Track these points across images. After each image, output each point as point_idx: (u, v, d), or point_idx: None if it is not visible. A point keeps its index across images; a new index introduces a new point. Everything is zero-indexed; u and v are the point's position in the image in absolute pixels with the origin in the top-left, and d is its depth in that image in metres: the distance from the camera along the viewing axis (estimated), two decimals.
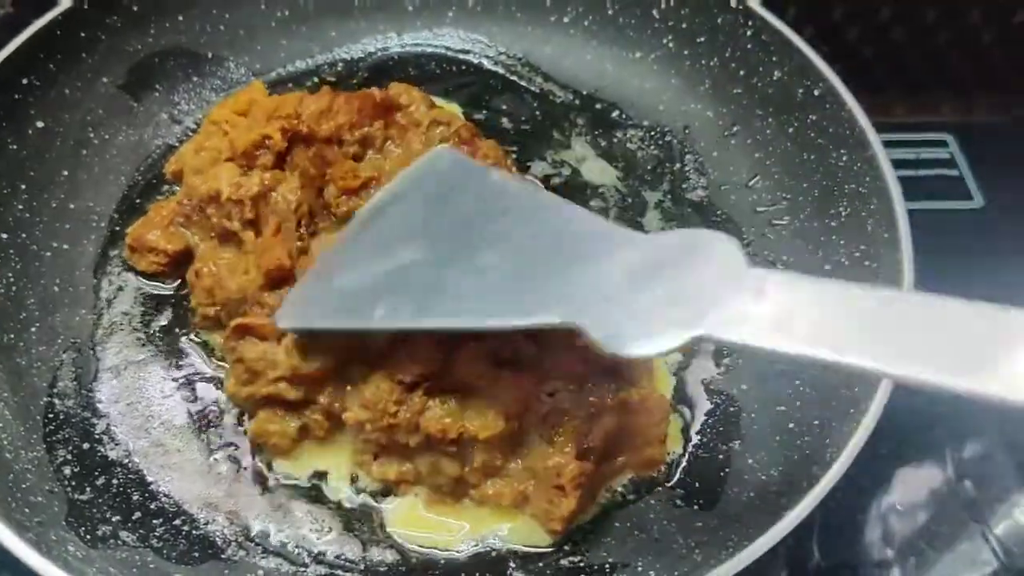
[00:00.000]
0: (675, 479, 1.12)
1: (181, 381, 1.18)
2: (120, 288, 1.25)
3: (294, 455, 1.11)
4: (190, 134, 1.38)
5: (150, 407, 1.15)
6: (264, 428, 1.10)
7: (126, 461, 1.10)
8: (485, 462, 1.04)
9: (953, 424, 1.32)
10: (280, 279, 1.12)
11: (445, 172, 1.13)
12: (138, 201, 1.33)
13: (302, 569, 1.03)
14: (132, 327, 1.22)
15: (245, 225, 1.17)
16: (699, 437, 1.15)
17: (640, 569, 1.02)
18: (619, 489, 1.10)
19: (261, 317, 1.11)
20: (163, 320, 1.23)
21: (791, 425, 1.11)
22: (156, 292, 1.25)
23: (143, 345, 1.21)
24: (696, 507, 1.09)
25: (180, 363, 1.20)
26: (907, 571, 1.21)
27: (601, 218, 1.03)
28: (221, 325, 1.17)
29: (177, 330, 1.22)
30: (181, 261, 1.24)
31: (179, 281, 1.25)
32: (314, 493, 1.10)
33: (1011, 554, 1.21)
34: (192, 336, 1.21)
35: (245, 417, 1.14)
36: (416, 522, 1.07)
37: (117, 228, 1.30)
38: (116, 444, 1.12)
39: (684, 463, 1.13)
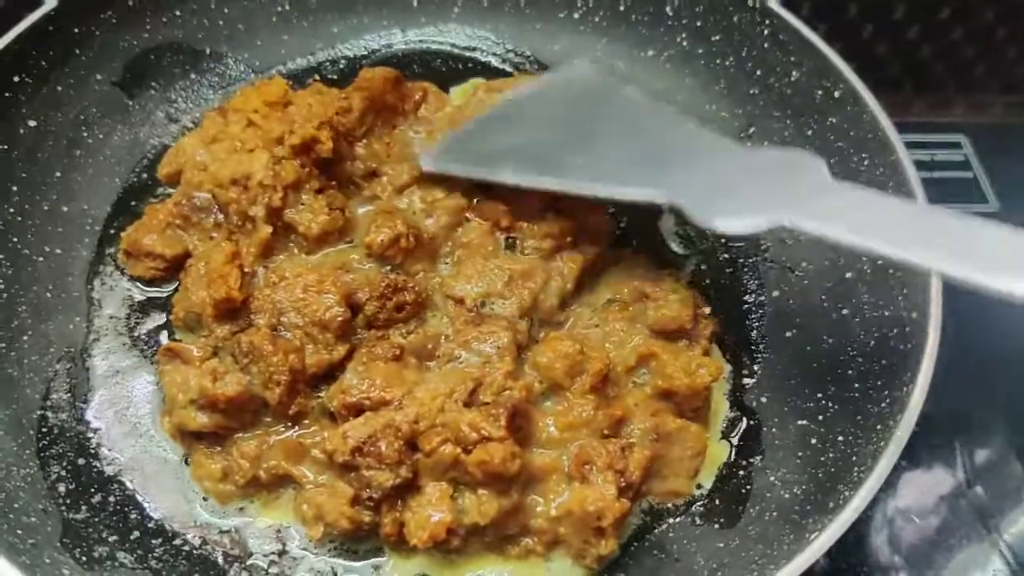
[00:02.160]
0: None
1: None
2: (111, 289, 1.22)
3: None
4: (187, 133, 1.34)
5: (138, 415, 1.12)
6: (197, 472, 1.06)
7: (121, 477, 1.07)
8: (498, 532, 1.01)
9: (964, 430, 1.30)
10: (228, 310, 1.08)
11: (581, 78, 1.30)
12: (133, 204, 1.29)
13: None
14: (117, 331, 1.18)
15: (270, 214, 1.13)
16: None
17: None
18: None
19: (196, 341, 1.08)
20: (150, 324, 1.20)
21: (814, 441, 1.08)
22: (147, 296, 1.22)
23: (129, 350, 1.17)
24: (717, 526, 1.06)
25: None
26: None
27: (713, 132, 1.15)
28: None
29: (165, 333, 1.19)
30: (179, 266, 1.19)
31: (176, 286, 1.20)
32: None
33: (1022, 560, 1.20)
34: (177, 338, 1.17)
35: None
36: None
37: (112, 231, 1.26)
38: (112, 459, 1.08)
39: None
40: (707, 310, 1.17)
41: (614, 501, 0.97)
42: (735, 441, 1.13)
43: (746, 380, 1.19)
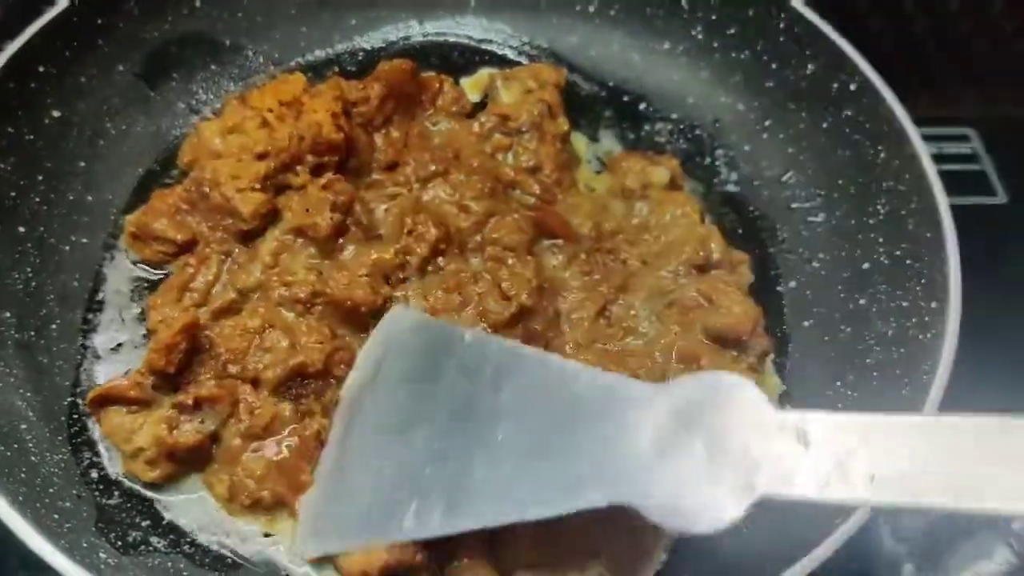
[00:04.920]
0: None
1: None
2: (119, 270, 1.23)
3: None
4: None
5: None
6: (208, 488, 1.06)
7: None
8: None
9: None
10: (163, 375, 1.07)
11: (414, 336, 1.04)
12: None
13: None
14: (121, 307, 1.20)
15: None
16: None
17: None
18: None
19: (128, 381, 1.06)
20: None
21: None
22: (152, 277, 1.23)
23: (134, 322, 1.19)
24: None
25: None
26: (920, 566, 1.20)
27: (598, 370, 0.92)
28: None
29: None
30: (188, 249, 1.21)
31: None
32: None
33: None
34: None
35: None
36: None
37: None
38: None
39: None
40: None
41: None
42: None
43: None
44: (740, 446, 0.75)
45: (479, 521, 0.87)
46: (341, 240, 1.17)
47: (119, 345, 1.16)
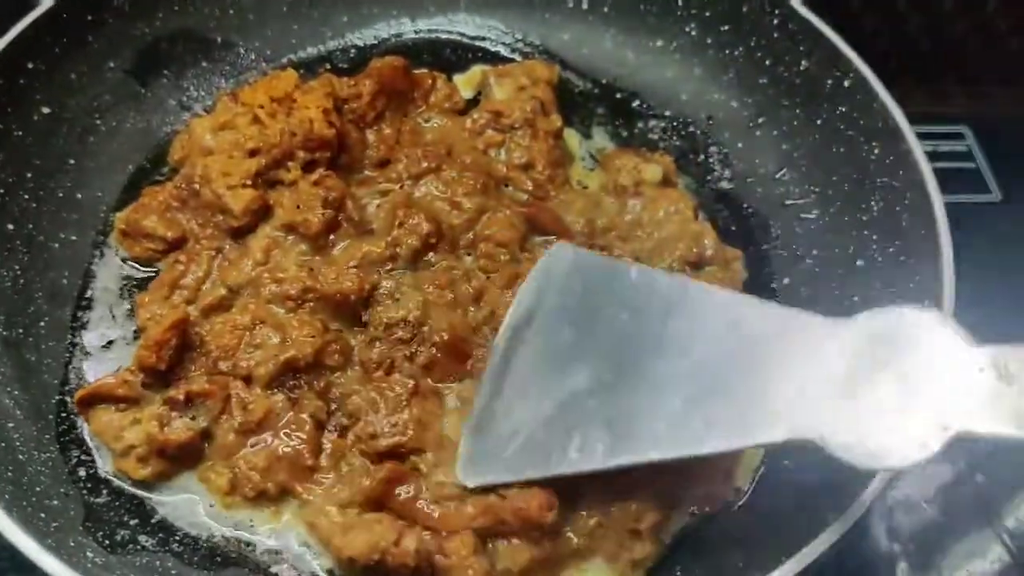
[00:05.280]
0: None
1: None
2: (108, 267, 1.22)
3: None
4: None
5: None
6: (204, 484, 1.05)
7: None
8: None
9: None
10: (154, 372, 1.06)
11: (576, 274, 1.01)
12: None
13: None
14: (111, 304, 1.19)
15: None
16: None
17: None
18: None
19: (116, 379, 1.05)
20: None
21: None
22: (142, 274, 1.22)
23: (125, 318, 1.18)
24: (732, 509, 1.07)
25: None
26: (913, 565, 1.20)
27: (773, 304, 0.92)
28: None
29: None
30: (177, 247, 1.20)
31: None
32: None
33: (1023, 546, 1.20)
34: None
35: None
36: None
37: None
38: None
39: None
40: None
41: (652, 505, 0.97)
42: None
43: None
44: (934, 382, 0.73)
45: (647, 455, 0.88)
46: (332, 236, 1.16)
47: (110, 342, 1.16)
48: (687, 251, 1.19)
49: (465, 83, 1.44)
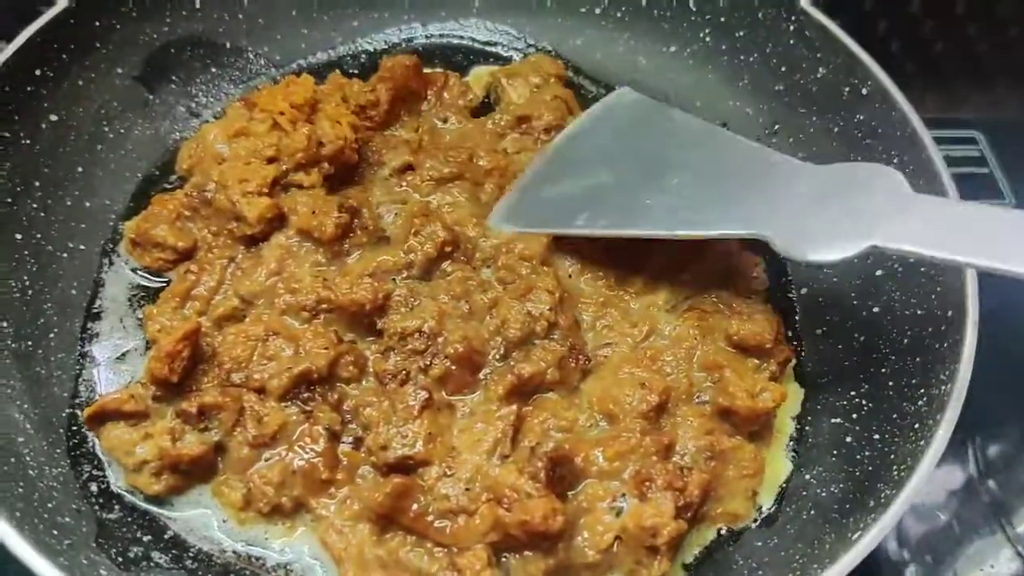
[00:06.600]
0: None
1: None
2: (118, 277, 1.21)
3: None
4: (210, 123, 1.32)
5: None
6: (218, 499, 1.04)
7: None
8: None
9: (977, 423, 1.29)
10: (166, 385, 1.04)
11: (629, 108, 1.30)
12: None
13: None
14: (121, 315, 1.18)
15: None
16: None
17: None
18: None
19: (123, 394, 1.04)
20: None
21: (849, 439, 1.08)
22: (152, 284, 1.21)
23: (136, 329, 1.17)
24: (752, 524, 1.05)
25: None
26: (924, 571, 1.19)
27: (775, 151, 1.14)
28: None
29: None
30: (188, 256, 1.19)
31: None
32: None
33: None
34: None
35: None
36: None
37: None
38: None
39: None
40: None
41: (671, 519, 0.96)
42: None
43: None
44: (869, 209, 0.94)
45: (636, 232, 1.11)
46: (347, 245, 1.15)
47: (124, 354, 1.14)
48: None
49: (475, 80, 1.44)
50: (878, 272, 1.18)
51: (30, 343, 1.10)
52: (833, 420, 1.11)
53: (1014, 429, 1.30)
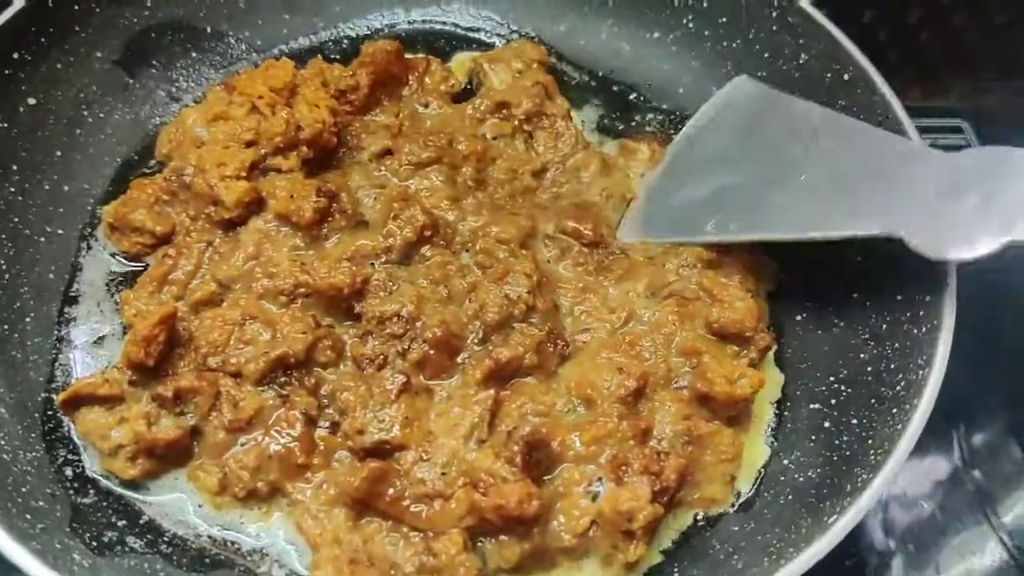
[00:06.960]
0: None
1: None
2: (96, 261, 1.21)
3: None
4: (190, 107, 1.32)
5: None
6: (193, 483, 1.04)
7: None
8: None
9: (962, 413, 1.30)
10: (142, 369, 1.04)
11: (747, 101, 1.26)
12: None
13: None
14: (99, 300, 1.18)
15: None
16: None
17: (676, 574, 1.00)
18: None
19: (98, 379, 1.03)
20: None
21: (827, 424, 1.08)
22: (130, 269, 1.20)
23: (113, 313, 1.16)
24: (730, 509, 1.05)
25: None
26: (910, 561, 1.19)
27: (905, 138, 1.13)
28: None
29: None
30: (165, 241, 1.18)
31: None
32: None
33: (1021, 545, 1.19)
34: None
35: None
36: None
37: None
38: None
39: None
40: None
41: (647, 503, 0.96)
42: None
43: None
44: (1007, 200, 0.92)
45: (768, 235, 1.11)
46: (325, 229, 1.14)
47: (101, 338, 1.14)
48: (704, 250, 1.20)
49: (458, 66, 1.43)
50: (859, 258, 1.17)
51: (6, 327, 1.10)
52: (812, 405, 1.11)
53: (998, 419, 1.30)
